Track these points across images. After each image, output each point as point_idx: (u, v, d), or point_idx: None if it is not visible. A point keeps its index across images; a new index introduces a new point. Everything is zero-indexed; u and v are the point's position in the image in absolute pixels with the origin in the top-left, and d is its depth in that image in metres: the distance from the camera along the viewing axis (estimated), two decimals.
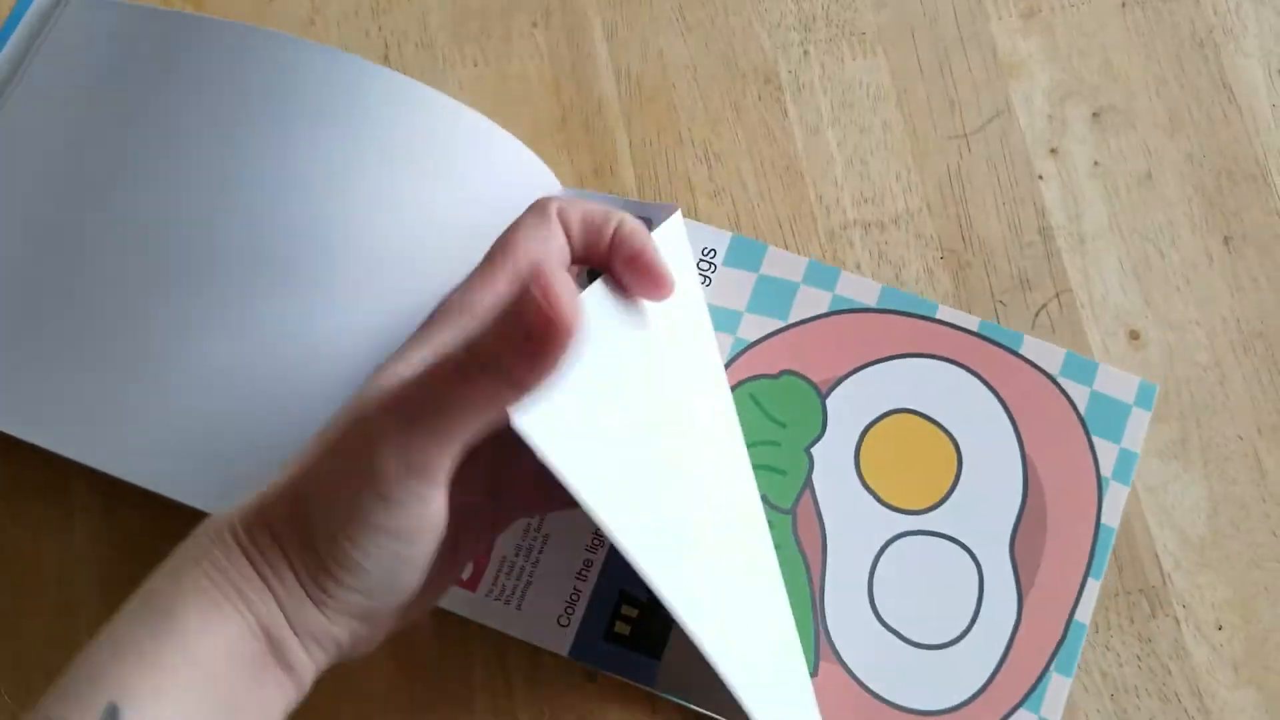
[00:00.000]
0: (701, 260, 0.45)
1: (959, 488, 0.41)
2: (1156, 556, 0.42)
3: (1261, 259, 0.45)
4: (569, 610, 0.41)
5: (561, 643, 0.40)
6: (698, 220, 0.46)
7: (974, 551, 0.41)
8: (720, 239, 0.45)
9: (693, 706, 0.39)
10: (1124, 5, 0.48)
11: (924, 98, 0.47)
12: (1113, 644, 0.41)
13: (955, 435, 0.42)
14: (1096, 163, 0.46)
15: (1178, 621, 0.41)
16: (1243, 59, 0.47)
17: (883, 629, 0.40)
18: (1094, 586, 0.40)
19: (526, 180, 0.44)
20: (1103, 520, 0.41)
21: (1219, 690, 0.41)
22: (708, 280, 0.44)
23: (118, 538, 0.43)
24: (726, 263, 0.45)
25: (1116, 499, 0.41)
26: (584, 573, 0.41)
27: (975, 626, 0.40)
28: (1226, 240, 0.45)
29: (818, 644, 0.40)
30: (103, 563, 0.43)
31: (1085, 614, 0.40)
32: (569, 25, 0.49)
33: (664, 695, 0.40)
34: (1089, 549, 0.41)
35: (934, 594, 0.41)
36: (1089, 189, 0.46)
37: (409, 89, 0.42)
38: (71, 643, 0.42)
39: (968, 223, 0.46)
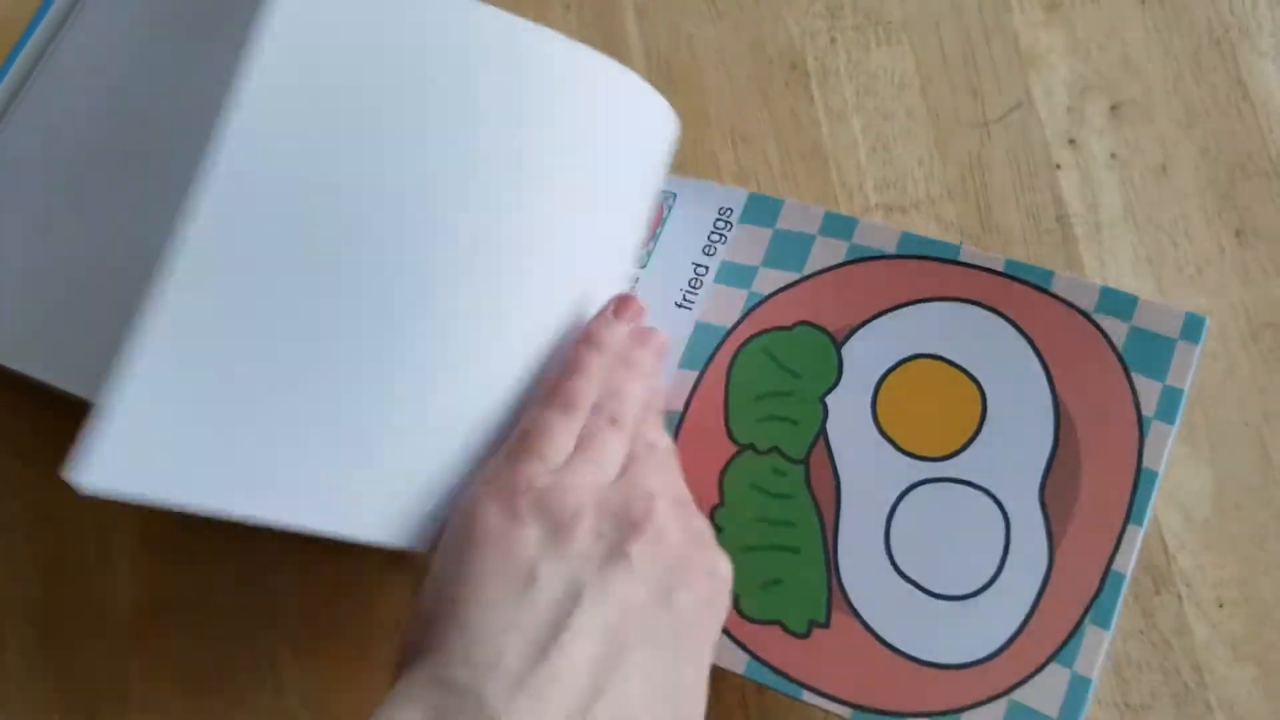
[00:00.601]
0: (718, 220, 0.44)
1: (983, 432, 0.39)
2: (1161, 536, 0.43)
3: (1272, 252, 0.46)
4: None
5: None
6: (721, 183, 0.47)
7: (999, 498, 0.39)
8: (737, 197, 0.44)
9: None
10: (1143, 2, 0.49)
11: (947, 87, 0.49)
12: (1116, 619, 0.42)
13: (979, 378, 0.40)
14: (1114, 154, 0.48)
15: (1180, 599, 0.43)
16: (1257, 57, 0.48)
17: (901, 579, 0.38)
18: (1135, 533, 0.37)
19: (647, 120, 0.43)
20: (1144, 464, 0.38)
21: (1218, 666, 0.42)
22: (723, 239, 0.44)
23: None
24: (743, 220, 0.44)
25: (1160, 440, 0.38)
26: None
27: (1001, 576, 0.38)
28: (1238, 233, 0.47)
29: (830, 595, 0.39)
30: (143, 515, 0.44)
31: (1125, 564, 0.37)
32: (600, 8, 0.50)
33: None
34: (1129, 494, 0.38)
35: (956, 543, 0.38)
36: (1106, 179, 0.47)
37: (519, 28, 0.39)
38: (111, 594, 0.44)
39: (987, 209, 0.47)
